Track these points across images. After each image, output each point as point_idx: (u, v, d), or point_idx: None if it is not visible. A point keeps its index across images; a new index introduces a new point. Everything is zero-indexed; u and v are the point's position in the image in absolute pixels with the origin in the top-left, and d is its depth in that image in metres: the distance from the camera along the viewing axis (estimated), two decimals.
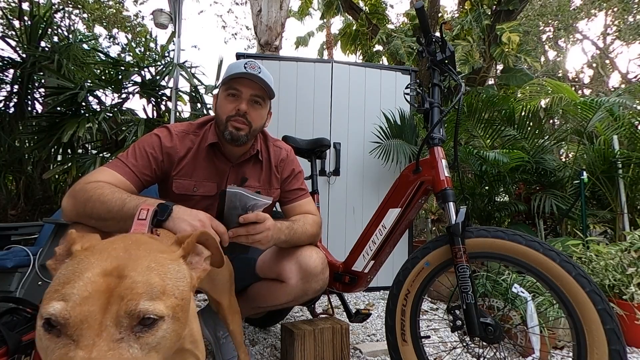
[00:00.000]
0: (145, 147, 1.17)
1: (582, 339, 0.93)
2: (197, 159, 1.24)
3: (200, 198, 1.23)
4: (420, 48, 1.34)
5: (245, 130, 1.19)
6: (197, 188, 1.23)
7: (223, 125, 1.20)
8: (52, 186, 3.46)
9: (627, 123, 2.82)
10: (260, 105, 1.23)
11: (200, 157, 1.24)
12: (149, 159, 1.16)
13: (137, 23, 10.29)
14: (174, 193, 1.22)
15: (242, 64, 1.17)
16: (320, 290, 1.30)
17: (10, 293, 1.66)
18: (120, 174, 1.09)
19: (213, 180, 1.25)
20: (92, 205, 0.95)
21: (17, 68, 3.13)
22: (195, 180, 1.23)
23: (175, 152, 1.20)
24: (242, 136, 1.19)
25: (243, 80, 1.18)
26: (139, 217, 0.78)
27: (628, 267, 1.86)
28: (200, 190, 1.23)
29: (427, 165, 1.24)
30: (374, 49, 7.02)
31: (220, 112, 1.21)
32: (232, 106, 1.19)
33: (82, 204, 0.97)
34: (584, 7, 11.29)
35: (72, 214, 1.00)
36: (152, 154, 1.17)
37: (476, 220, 3.01)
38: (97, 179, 1.04)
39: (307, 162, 1.86)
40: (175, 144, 1.21)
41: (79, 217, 0.99)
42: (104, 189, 0.98)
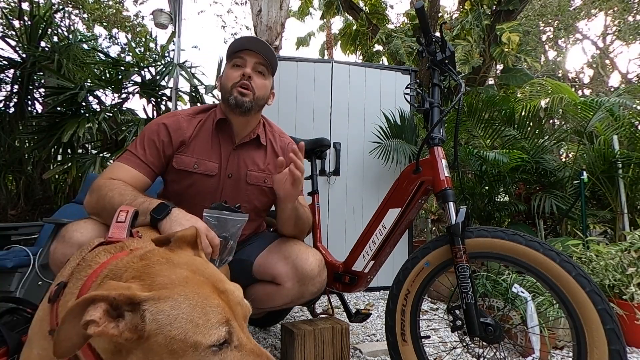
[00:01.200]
0: (152, 135, 1.19)
1: (582, 339, 0.93)
2: (201, 136, 1.25)
3: (199, 176, 1.23)
4: (420, 48, 1.34)
5: (250, 96, 1.21)
6: (197, 165, 1.23)
7: (228, 93, 1.22)
8: (52, 186, 3.46)
9: (627, 123, 2.82)
10: (263, 75, 1.26)
11: (204, 134, 1.25)
12: (157, 147, 1.18)
13: (137, 23, 10.29)
14: (173, 169, 1.22)
15: (247, 38, 1.24)
16: (318, 292, 1.30)
17: (10, 293, 1.66)
18: (133, 167, 1.13)
19: (214, 159, 1.26)
20: (102, 205, 1.00)
21: (17, 68, 3.14)
22: (197, 158, 1.23)
23: (183, 134, 1.22)
24: (246, 102, 1.21)
25: (246, 51, 1.23)
26: (117, 220, 0.77)
27: (628, 267, 1.86)
28: (201, 167, 1.23)
29: (427, 165, 1.24)
30: (374, 49, 7.02)
31: (225, 82, 1.24)
32: (237, 74, 1.22)
33: (96, 203, 1.02)
34: (584, 7, 11.29)
35: (91, 211, 1.05)
36: (162, 141, 1.19)
37: (476, 220, 3.01)
38: (112, 176, 1.09)
39: (307, 162, 1.86)
40: (183, 127, 1.23)
41: (97, 215, 1.04)
42: (114, 190, 1.02)
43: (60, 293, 0.59)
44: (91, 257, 0.64)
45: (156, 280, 0.48)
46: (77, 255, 0.69)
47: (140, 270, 0.50)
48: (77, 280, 0.59)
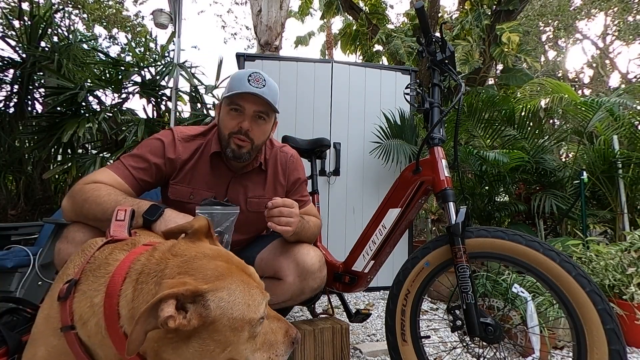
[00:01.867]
0: (147, 151, 1.17)
1: (582, 339, 0.93)
2: (199, 165, 1.22)
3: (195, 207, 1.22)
4: (420, 48, 1.34)
5: (247, 147, 1.17)
6: (193, 196, 1.20)
7: (225, 141, 1.18)
8: (52, 186, 3.46)
9: (627, 123, 2.82)
10: (264, 120, 1.19)
11: (202, 164, 1.23)
12: (149, 163, 1.15)
13: (137, 23, 10.30)
14: (169, 199, 1.21)
15: (246, 77, 1.13)
16: (318, 288, 1.30)
17: (10, 293, 1.66)
18: (119, 176, 1.09)
19: (212, 189, 1.23)
20: (88, 207, 0.97)
21: (17, 68, 3.13)
22: (193, 188, 1.21)
23: (178, 157, 1.19)
24: (244, 154, 1.17)
25: (247, 96, 1.13)
26: (117, 219, 0.78)
27: (628, 267, 1.86)
28: (197, 198, 1.20)
29: (427, 165, 1.24)
30: (374, 49, 7.02)
31: (223, 127, 1.18)
32: (234, 122, 1.15)
33: (80, 205, 0.98)
34: (584, 7, 11.28)
35: (71, 214, 1.01)
36: (153, 160, 1.16)
37: (476, 220, 3.01)
38: (95, 179, 1.04)
39: (307, 162, 1.86)
40: (178, 150, 1.20)
41: (78, 217, 1.01)
42: (100, 190, 0.99)
43: (72, 291, 0.60)
44: (103, 255, 0.64)
45: (206, 274, 0.55)
46: (80, 254, 0.69)
47: (183, 266, 0.55)
48: (97, 277, 0.59)
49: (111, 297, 0.55)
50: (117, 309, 0.55)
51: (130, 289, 0.55)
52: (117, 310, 0.54)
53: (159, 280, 0.54)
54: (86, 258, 0.66)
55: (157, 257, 0.58)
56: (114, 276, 0.57)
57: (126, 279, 0.56)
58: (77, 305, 0.59)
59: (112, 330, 0.55)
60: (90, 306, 0.57)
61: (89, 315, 0.57)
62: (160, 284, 0.52)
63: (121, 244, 0.68)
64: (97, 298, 0.57)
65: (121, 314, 0.54)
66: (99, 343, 0.57)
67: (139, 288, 0.54)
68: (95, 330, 0.56)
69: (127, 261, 0.59)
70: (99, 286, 0.58)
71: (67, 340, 0.58)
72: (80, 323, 0.58)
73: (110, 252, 0.64)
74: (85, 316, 0.57)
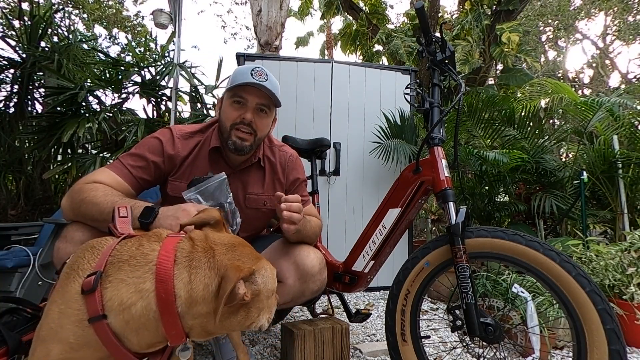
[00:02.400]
0: (146, 150, 1.17)
1: (582, 339, 0.93)
2: (197, 162, 1.22)
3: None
4: (420, 48, 1.34)
5: (250, 140, 1.18)
6: None
7: (227, 133, 1.17)
8: (52, 186, 3.46)
9: (627, 123, 2.82)
10: (265, 113, 1.20)
11: (200, 160, 1.22)
12: (147, 162, 1.15)
13: (137, 23, 10.30)
14: (168, 195, 1.21)
15: (249, 71, 1.14)
16: (319, 291, 1.29)
17: (10, 293, 1.66)
18: (118, 176, 1.10)
19: None
20: (85, 207, 0.97)
21: (17, 68, 3.13)
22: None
23: (177, 154, 1.19)
24: (246, 146, 1.17)
25: (249, 89, 1.15)
26: (120, 215, 0.81)
27: (628, 267, 1.86)
28: None
29: (427, 165, 1.24)
30: (374, 49, 7.02)
31: (225, 118, 1.18)
32: (237, 114, 1.16)
33: (78, 205, 0.99)
34: (584, 7, 11.28)
35: (70, 214, 1.02)
36: (152, 158, 1.16)
37: (476, 220, 3.01)
38: (94, 179, 1.05)
39: (307, 162, 1.86)
40: (177, 147, 1.20)
41: (76, 217, 1.01)
42: (97, 190, 0.99)
43: (100, 282, 0.63)
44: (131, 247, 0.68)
45: (248, 258, 0.68)
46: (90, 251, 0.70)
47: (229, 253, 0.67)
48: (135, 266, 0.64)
49: (165, 282, 0.61)
50: (174, 292, 0.61)
51: (185, 273, 0.62)
52: (174, 293, 0.61)
53: (213, 266, 0.64)
54: (103, 253, 0.68)
55: (202, 246, 0.66)
56: (162, 263, 0.63)
57: (177, 265, 0.63)
58: (114, 293, 0.62)
59: (167, 310, 0.61)
60: (135, 292, 0.62)
61: (135, 300, 0.62)
62: (227, 268, 0.61)
63: (145, 236, 0.71)
64: (146, 284, 0.62)
65: (178, 295, 0.62)
66: (138, 327, 0.63)
67: (194, 272, 0.62)
68: (140, 314, 0.62)
69: (169, 250, 0.65)
70: (143, 273, 0.63)
71: (96, 330, 0.62)
72: (118, 309, 0.62)
73: (140, 244, 0.68)
74: (128, 302, 0.62)
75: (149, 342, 0.65)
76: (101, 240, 0.74)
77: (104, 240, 0.74)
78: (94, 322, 0.61)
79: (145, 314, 0.62)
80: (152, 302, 0.61)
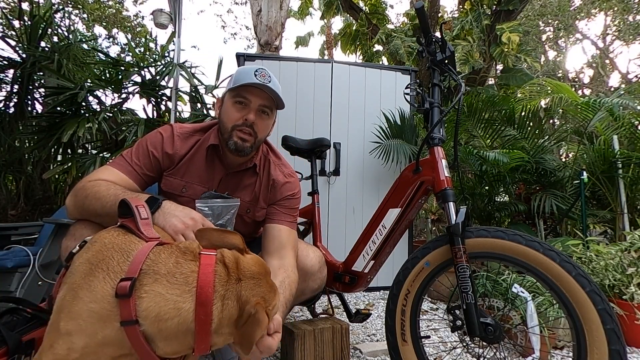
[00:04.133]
0: (148, 145, 1.17)
1: (582, 339, 0.93)
2: (195, 159, 1.22)
3: (187, 200, 1.18)
4: (420, 48, 1.34)
5: (251, 141, 1.15)
6: (186, 189, 1.19)
7: (228, 134, 1.15)
8: (52, 186, 3.46)
9: (627, 123, 2.82)
10: (267, 115, 1.19)
11: (198, 158, 1.22)
12: (150, 157, 1.16)
13: (137, 23, 10.30)
14: (161, 190, 1.21)
15: (252, 72, 1.12)
16: (318, 289, 1.29)
17: (10, 293, 1.66)
18: (122, 172, 1.10)
19: (204, 184, 1.22)
20: (89, 202, 0.98)
21: (17, 68, 3.13)
22: (186, 181, 1.20)
23: (175, 152, 1.19)
24: (247, 147, 1.15)
25: (253, 89, 1.13)
26: (141, 217, 0.80)
27: (628, 267, 1.86)
28: (189, 192, 1.19)
29: (427, 165, 1.24)
30: (374, 49, 7.02)
31: (226, 119, 1.16)
32: (239, 115, 1.14)
33: (82, 202, 0.99)
34: (584, 7, 11.28)
35: (74, 211, 1.03)
36: (154, 153, 1.17)
37: (476, 220, 3.01)
38: (98, 177, 1.05)
39: (307, 162, 1.86)
40: (176, 145, 1.20)
41: (80, 214, 1.02)
42: (100, 186, 1.00)
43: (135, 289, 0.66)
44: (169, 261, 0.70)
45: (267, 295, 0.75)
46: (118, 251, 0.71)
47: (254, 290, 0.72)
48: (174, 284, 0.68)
49: (205, 307, 0.67)
50: (212, 317, 0.68)
51: (220, 303, 0.69)
52: (212, 318, 0.68)
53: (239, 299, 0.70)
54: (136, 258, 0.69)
55: (235, 276, 0.72)
56: (203, 288, 0.68)
57: (215, 292, 0.69)
58: (152, 305, 0.65)
59: (203, 331, 0.67)
60: (174, 308, 0.66)
61: (173, 315, 0.66)
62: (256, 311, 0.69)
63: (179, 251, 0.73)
64: (186, 304, 0.67)
65: (213, 321, 0.68)
66: (168, 336, 0.66)
67: (226, 304, 0.69)
68: (176, 328, 0.66)
69: (209, 275, 0.70)
70: (183, 293, 0.67)
71: (127, 333, 0.65)
72: (154, 320, 0.65)
73: (177, 262, 0.71)
74: (165, 316, 0.65)
75: (175, 350, 0.69)
76: (127, 242, 0.73)
77: (130, 242, 0.73)
78: (126, 326, 0.64)
79: (180, 329, 0.66)
80: (189, 320, 0.67)
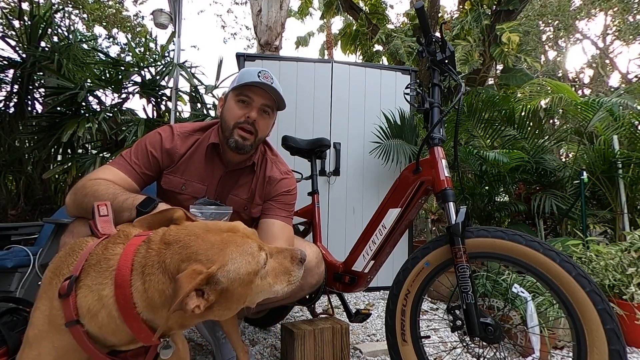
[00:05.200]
0: (147, 144, 1.19)
1: (582, 339, 0.93)
2: (194, 157, 1.24)
3: (187, 197, 1.22)
4: (420, 48, 1.34)
5: (251, 139, 1.18)
6: (185, 187, 1.22)
7: (229, 131, 1.18)
8: (52, 186, 3.46)
9: (627, 123, 2.82)
10: (268, 115, 1.23)
11: (197, 156, 1.24)
12: (149, 156, 1.18)
13: (137, 23, 10.30)
14: (161, 188, 1.22)
15: (256, 73, 1.16)
16: (317, 285, 1.30)
17: (10, 293, 1.66)
18: (122, 172, 1.12)
19: (204, 182, 1.24)
20: (87, 201, 0.98)
21: (17, 68, 3.13)
22: (186, 179, 1.22)
23: (175, 151, 1.21)
24: (247, 145, 1.18)
25: (256, 89, 1.17)
26: (100, 214, 0.79)
27: (628, 267, 1.86)
28: (189, 189, 1.22)
29: (427, 165, 1.24)
30: (374, 49, 7.02)
31: (228, 116, 1.19)
32: (241, 112, 1.17)
33: (81, 199, 1.00)
34: (584, 7, 11.28)
35: (73, 209, 1.04)
36: (153, 152, 1.18)
37: (476, 220, 3.01)
38: (98, 176, 1.07)
39: (307, 162, 1.86)
40: (175, 144, 1.21)
41: (79, 212, 1.02)
42: (100, 185, 1.01)
43: (74, 287, 0.62)
44: (99, 250, 0.66)
45: (206, 254, 0.60)
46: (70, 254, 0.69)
47: (183, 252, 0.60)
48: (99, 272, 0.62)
49: (123, 288, 0.59)
50: (132, 299, 0.59)
51: (139, 281, 0.59)
52: (132, 300, 0.59)
53: (165, 270, 0.59)
54: (81, 256, 0.67)
55: (155, 248, 0.62)
56: (120, 269, 0.61)
57: (133, 272, 0.61)
58: (83, 299, 0.61)
59: (129, 317, 0.59)
60: (98, 299, 0.60)
61: (99, 307, 0.60)
62: (177, 280, 0.56)
63: (113, 237, 0.69)
64: (106, 291, 0.60)
65: (137, 304, 0.59)
66: (112, 331, 0.61)
67: (148, 280, 0.59)
68: (107, 321, 0.60)
69: (129, 254, 0.63)
70: (104, 279, 0.61)
71: (73, 335, 0.61)
72: (88, 316, 0.61)
73: (106, 247, 0.66)
74: (94, 309, 0.60)
75: (129, 340, 0.64)
76: (82, 242, 0.72)
77: (84, 243, 0.72)
78: (70, 327, 0.61)
79: (111, 320, 0.60)
80: (113, 309, 0.60)
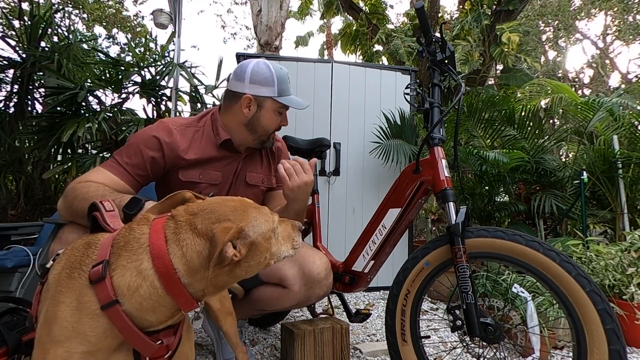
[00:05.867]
0: (140, 145, 1.15)
1: (582, 339, 0.93)
2: (201, 144, 1.25)
3: (206, 185, 1.26)
4: (420, 48, 1.34)
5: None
6: (202, 175, 1.26)
7: (266, 136, 1.31)
8: (52, 186, 3.46)
9: (627, 123, 2.82)
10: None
11: (204, 142, 1.26)
12: (143, 157, 1.14)
13: (137, 23, 10.30)
14: (180, 181, 1.22)
15: (287, 80, 1.34)
16: (324, 295, 1.30)
17: (10, 293, 1.66)
18: (114, 174, 1.09)
19: (218, 168, 1.29)
20: (77, 203, 0.97)
21: (17, 68, 3.13)
22: (201, 168, 1.25)
23: (176, 145, 1.19)
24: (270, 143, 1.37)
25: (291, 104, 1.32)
26: (107, 210, 0.81)
27: (628, 267, 1.86)
28: (206, 177, 1.26)
29: (427, 165, 1.24)
30: (374, 49, 7.02)
31: (268, 124, 1.30)
32: (278, 120, 1.32)
33: (71, 202, 0.99)
34: (584, 7, 11.28)
35: (64, 213, 1.02)
36: (149, 153, 1.15)
37: (476, 220, 3.01)
38: (88, 178, 1.05)
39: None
40: (175, 138, 1.20)
41: (70, 216, 1.01)
42: (90, 187, 1.00)
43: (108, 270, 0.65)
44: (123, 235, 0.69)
45: (234, 215, 0.69)
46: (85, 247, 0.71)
47: (212, 217, 0.68)
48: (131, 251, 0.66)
49: (161, 258, 0.63)
50: (172, 265, 0.64)
51: (177, 248, 0.65)
52: (173, 267, 0.64)
53: (199, 233, 0.66)
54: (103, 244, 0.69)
55: (184, 219, 0.67)
56: (154, 243, 0.65)
57: (167, 242, 0.65)
58: (120, 279, 0.64)
59: (172, 284, 0.64)
60: (137, 274, 0.64)
61: (140, 281, 0.64)
62: (213, 236, 0.63)
63: (134, 221, 0.72)
64: (144, 264, 0.64)
65: (178, 269, 0.64)
66: (152, 306, 0.65)
67: (184, 245, 0.65)
68: (149, 293, 0.64)
69: (158, 228, 0.67)
70: (139, 256, 0.65)
71: (109, 317, 0.63)
72: (128, 294, 0.63)
73: (130, 231, 0.69)
74: (134, 284, 0.63)
75: (168, 315, 0.68)
76: (93, 237, 0.73)
77: (96, 236, 0.73)
78: (107, 309, 0.63)
79: (153, 292, 0.64)
80: (154, 279, 0.64)
